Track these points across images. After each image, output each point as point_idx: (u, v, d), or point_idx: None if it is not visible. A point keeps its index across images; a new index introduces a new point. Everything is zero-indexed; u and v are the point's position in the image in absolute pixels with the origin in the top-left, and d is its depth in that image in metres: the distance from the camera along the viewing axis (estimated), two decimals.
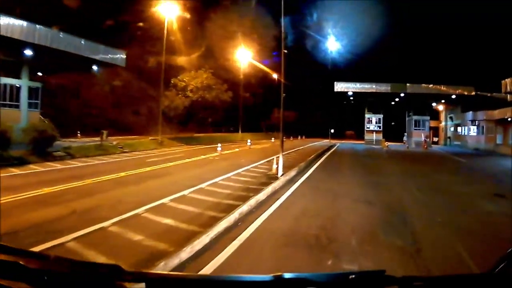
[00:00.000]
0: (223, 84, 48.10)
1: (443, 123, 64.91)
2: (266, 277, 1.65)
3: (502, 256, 1.77)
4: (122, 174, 15.85)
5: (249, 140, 39.02)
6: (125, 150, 27.14)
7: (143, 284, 1.60)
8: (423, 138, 51.90)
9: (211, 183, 14.10)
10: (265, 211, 9.67)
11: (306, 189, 13.41)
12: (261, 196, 11.12)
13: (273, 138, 48.62)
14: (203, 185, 13.42)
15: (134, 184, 13.54)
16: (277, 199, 11.20)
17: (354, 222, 8.90)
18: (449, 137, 61.74)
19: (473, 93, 50.30)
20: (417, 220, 9.31)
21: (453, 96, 51.32)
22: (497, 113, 45.47)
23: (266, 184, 13.38)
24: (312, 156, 25.41)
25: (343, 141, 68.19)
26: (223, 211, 9.32)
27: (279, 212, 9.77)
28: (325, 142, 53.17)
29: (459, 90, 50.52)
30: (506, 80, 32.37)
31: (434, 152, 41.57)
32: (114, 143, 28.64)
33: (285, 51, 18.55)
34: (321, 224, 8.55)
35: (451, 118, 60.95)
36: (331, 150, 36.31)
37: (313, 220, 8.93)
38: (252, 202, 10.14)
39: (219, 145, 29.03)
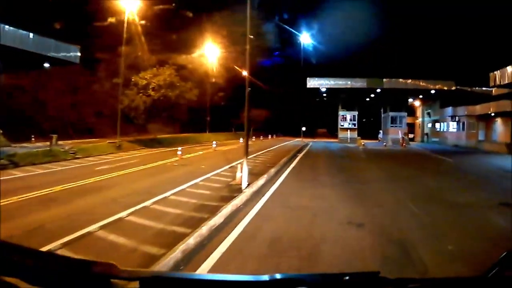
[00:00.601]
0: (188, 82, 45.72)
1: (419, 119, 64.00)
2: (261, 277, 1.67)
3: (496, 261, 1.78)
4: (58, 188, 13.29)
5: (214, 142, 36.46)
6: (77, 156, 24.89)
7: (137, 283, 1.63)
8: (400, 136, 50.48)
9: (160, 199, 11.73)
10: (219, 244, 7.20)
11: (277, 207, 10.96)
12: (217, 219, 8.68)
13: (241, 139, 46.11)
14: (148, 203, 11.02)
15: (64, 204, 11.07)
16: (237, 224, 8.72)
17: (341, 260, 6.62)
18: (427, 134, 60.86)
19: (454, 88, 49.12)
20: (423, 249, 7.07)
21: (432, 91, 50.02)
22: (479, 109, 44.50)
23: (227, 199, 11.04)
24: (284, 159, 23.21)
25: (315, 140, 66.13)
26: (166, 245, 6.87)
27: (238, 246, 7.28)
28: (298, 141, 51.25)
29: (439, 85, 49.25)
30: (495, 72, 30.77)
31: (413, 150, 40.03)
32: (67, 148, 26.39)
33: (249, 43, 15.94)
34: (297, 266, 6.17)
35: (428, 114, 60.03)
36: (304, 151, 34.24)
37: (285, 260, 6.50)
38: (204, 230, 7.71)
39: (180, 148, 26.45)
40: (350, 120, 56.66)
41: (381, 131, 66.05)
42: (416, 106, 63.85)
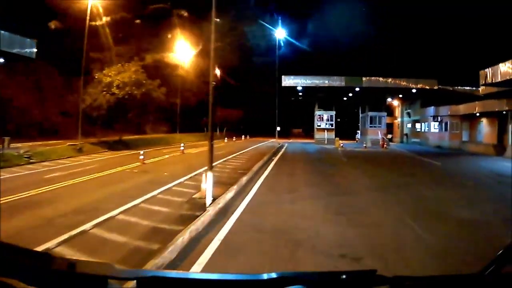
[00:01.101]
0: (156, 80, 43.43)
1: (398, 119, 62.92)
2: (258, 275, 1.70)
3: (493, 258, 1.80)
4: None
5: (182, 144, 34.12)
6: (32, 160, 22.85)
7: (134, 282, 1.65)
8: (380, 136, 49.03)
9: (106, 218, 9.59)
10: None
11: (248, 231, 8.76)
12: (168, 254, 6.50)
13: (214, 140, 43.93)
14: (89, 225, 8.91)
15: None
16: (194, 263, 6.51)
17: None
18: (406, 134, 59.83)
19: (436, 87, 47.92)
20: None
21: (414, 90, 48.64)
22: (463, 108, 43.49)
23: (187, 220, 8.97)
24: (257, 164, 21.21)
25: (291, 140, 64.99)
26: None
27: None
28: (272, 142, 48.80)
29: (421, 84, 47.94)
30: (485, 70, 29.28)
31: (395, 152, 38.47)
32: (21, 151, 24.26)
33: (214, 31, 13.71)
34: None
35: (408, 114, 58.94)
36: (280, 153, 32.30)
37: None
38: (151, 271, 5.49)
39: (142, 152, 24.16)
40: (327, 120, 54.73)
41: (358, 132, 64.69)
42: (394, 106, 62.70)
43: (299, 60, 59.36)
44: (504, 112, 36.18)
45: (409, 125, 59.66)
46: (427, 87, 47.90)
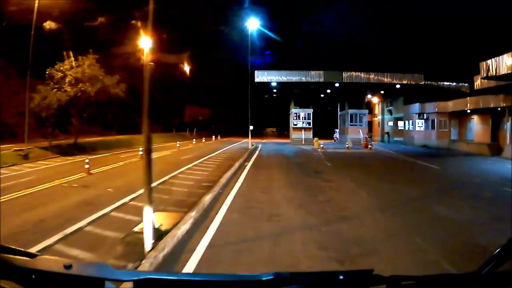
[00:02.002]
0: (114, 75, 39.73)
1: (378, 117, 60.56)
2: (255, 275, 1.72)
3: (491, 256, 1.82)
4: None
5: (141, 148, 30.07)
6: None
7: (131, 284, 1.65)
8: (362, 136, 46.33)
9: None
10: None
11: None
12: None
13: (178, 143, 40.07)
14: None
15: None
16: None
17: None
18: (387, 133, 57.48)
19: (422, 82, 45.47)
20: None
21: (398, 86, 46.00)
22: (452, 105, 41.03)
23: None
24: (226, 174, 17.93)
25: (264, 141, 62.12)
26: None
27: None
28: (245, 143, 44.83)
29: (406, 80, 45.35)
30: (487, 61, 26.66)
31: (382, 153, 35.70)
32: None
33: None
34: None
35: (389, 111, 56.58)
36: (254, 157, 28.99)
37: None
38: None
39: (87, 160, 20.52)
40: (304, 118, 51.66)
41: (337, 131, 62.10)
42: (374, 103, 60.23)
43: (275, 55, 56.25)
44: (499, 109, 34.06)
45: (391, 123, 57.43)
46: (413, 83, 45.40)
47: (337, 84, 45.63)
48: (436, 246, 7.85)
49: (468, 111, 38.88)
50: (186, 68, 69.32)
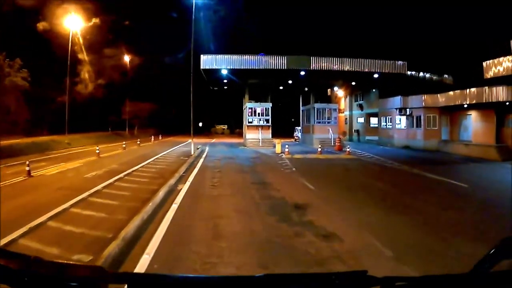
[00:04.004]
0: (16, 60, 30.81)
1: (346, 113, 52.98)
2: (247, 276, 1.72)
3: (484, 257, 1.81)
4: None
5: (28, 162, 19.95)
6: None
7: (125, 285, 1.62)
8: (331, 136, 38.43)
9: None
10: None
11: None
12: None
13: (97, 148, 30.11)
14: None
15: None
16: None
17: None
18: (357, 131, 49.98)
19: (406, 72, 38.16)
20: None
21: (376, 76, 38.02)
22: (443, 98, 33.71)
23: None
24: (144, 210, 8.93)
25: (213, 140, 54.36)
26: None
27: None
28: (189, 144, 32.55)
29: (387, 68, 37.63)
30: None
31: (365, 159, 27.35)
32: None
33: None
34: None
35: (360, 106, 48.97)
36: (194, 172, 19.36)
37: None
38: None
39: None
40: (262, 114, 41.37)
41: (297, 128, 53.91)
42: (339, 97, 52.59)
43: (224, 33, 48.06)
44: (507, 103, 27.27)
45: (361, 120, 49.93)
46: (394, 72, 37.68)
47: (302, 72, 36.97)
48: None
49: (465, 105, 31.88)
50: (126, 58, 60.58)
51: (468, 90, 30.56)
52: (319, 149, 30.55)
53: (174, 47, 53.53)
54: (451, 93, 33.01)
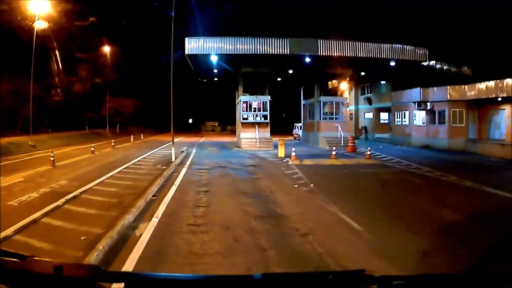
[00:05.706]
0: None
1: (351, 108, 47.59)
2: (245, 276, 1.75)
3: (481, 256, 2.03)
4: None
5: None
6: None
7: (122, 284, 1.61)
8: (341, 134, 33.11)
9: None
10: None
11: None
12: None
13: (51, 155, 24.15)
14: None
15: None
16: None
17: None
18: (365, 128, 44.73)
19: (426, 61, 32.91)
20: None
21: (392, 63, 32.30)
22: (471, 91, 28.72)
23: None
24: None
25: (202, 139, 50.11)
26: None
27: None
28: (174, 143, 27.72)
29: (407, 55, 32.15)
30: None
31: (392, 165, 22.03)
32: None
33: None
34: None
35: (368, 99, 43.64)
36: (172, 191, 13.80)
37: None
38: None
39: None
40: (258, 109, 35.85)
41: (297, 125, 48.47)
42: (342, 90, 47.20)
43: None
44: None
45: (369, 115, 44.73)
46: (414, 60, 32.15)
47: (308, 59, 31.25)
48: None
49: (499, 99, 26.81)
50: (106, 49, 55.07)
51: (504, 81, 25.50)
52: (334, 152, 24.86)
53: (159, 34, 47.66)
54: (481, 84, 27.80)
